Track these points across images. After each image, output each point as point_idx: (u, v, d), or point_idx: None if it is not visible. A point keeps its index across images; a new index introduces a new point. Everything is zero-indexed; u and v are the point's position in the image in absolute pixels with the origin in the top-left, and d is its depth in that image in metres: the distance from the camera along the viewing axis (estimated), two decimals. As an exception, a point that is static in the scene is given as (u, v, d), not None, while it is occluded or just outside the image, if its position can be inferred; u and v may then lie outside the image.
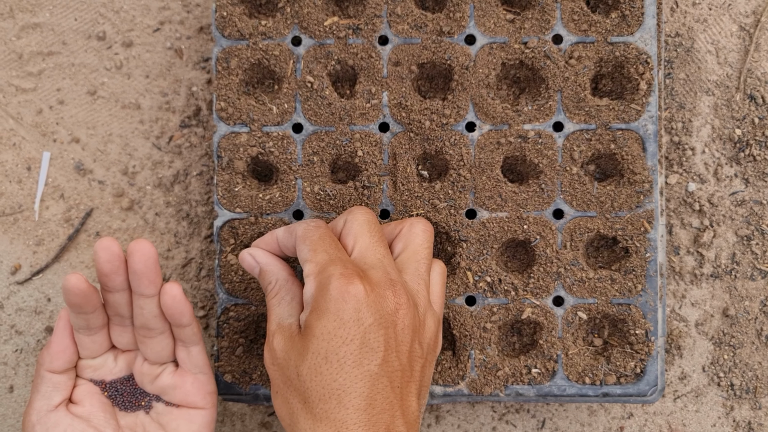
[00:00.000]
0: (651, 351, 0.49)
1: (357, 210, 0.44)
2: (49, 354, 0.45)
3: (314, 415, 0.39)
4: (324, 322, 0.39)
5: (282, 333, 0.42)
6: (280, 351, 0.41)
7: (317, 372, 0.39)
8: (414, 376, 0.41)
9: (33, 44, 0.56)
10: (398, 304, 0.40)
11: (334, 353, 0.39)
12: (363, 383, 0.39)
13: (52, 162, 0.56)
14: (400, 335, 0.40)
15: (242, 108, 0.50)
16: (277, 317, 0.43)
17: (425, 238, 0.45)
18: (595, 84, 0.51)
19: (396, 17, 0.49)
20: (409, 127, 0.50)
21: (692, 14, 0.56)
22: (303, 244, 0.43)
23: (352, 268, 0.40)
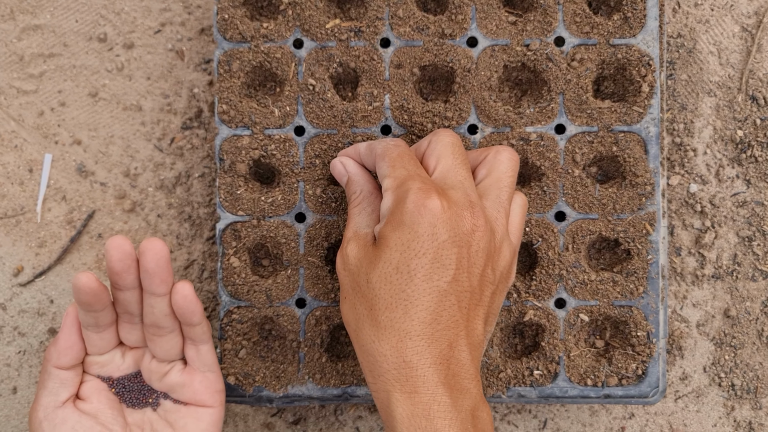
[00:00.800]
0: (652, 353, 0.49)
1: (442, 132, 0.44)
2: (56, 350, 0.45)
3: (378, 323, 0.39)
4: (399, 234, 0.39)
5: (357, 240, 0.42)
6: (353, 257, 0.42)
7: (387, 281, 0.39)
8: (483, 300, 0.41)
9: (34, 46, 0.56)
10: (475, 225, 0.40)
11: (405, 264, 0.39)
12: (430, 297, 0.39)
13: (53, 164, 0.56)
14: (474, 257, 0.40)
15: (244, 111, 0.50)
16: (354, 225, 0.43)
17: (510, 166, 0.44)
18: (597, 86, 0.51)
19: (398, 19, 0.49)
20: (411, 130, 0.49)
21: (694, 15, 0.56)
22: (382, 160, 0.43)
23: (431, 184, 0.40)
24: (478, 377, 0.41)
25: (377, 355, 0.39)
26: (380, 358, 0.39)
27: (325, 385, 0.50)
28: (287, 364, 0.50)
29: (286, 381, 0.50)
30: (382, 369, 0.39)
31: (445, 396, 0.38)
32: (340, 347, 0.51)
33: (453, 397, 0.38)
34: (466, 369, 0.40)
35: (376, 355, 0.39)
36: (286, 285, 0.50)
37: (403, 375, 0.38)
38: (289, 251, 0.50)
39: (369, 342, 0.40)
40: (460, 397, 0.39)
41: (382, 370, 0.39)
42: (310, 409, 0.56)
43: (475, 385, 0.40)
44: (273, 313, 0.50)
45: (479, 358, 0.41)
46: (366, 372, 0.41)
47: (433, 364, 0.38)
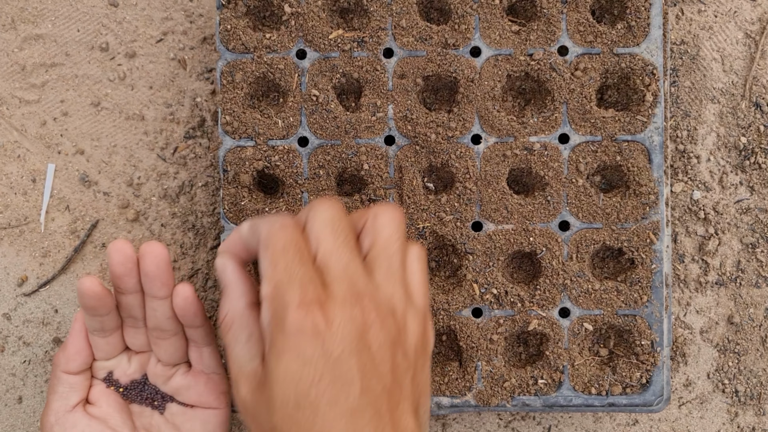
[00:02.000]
0: (657, 361, 0.49)
1: (319, 204, 0.39)
2: (64, 355, 0.45)
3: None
4: (285, 364, 0.35)
5: (245, 380, 0.37)
6: (249, 402, 0.37)
7: (292, 422, 0.34)
8: (404, 392, 0.37)
9: (36, 56, 0.56)
10: (367, 322, 0.36)
11: (304, 397, 0.34)
12: (344, 421, 0.34)
13: (57, 174, 0.56)
14: (378, 356, 0.36)
15: (247, 122, 0.50)
16: (236, 361, 0.38)
17: (393, 228, 0.40)
18: (601, 95, 0.51)
19: (401, 30, 0.49)
20: (414, 140, 0.49)
21: (698, 22, 0.55)
22: (264, 251, 0.37)
23: (312, 292, 0.36)
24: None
25: None
26: None
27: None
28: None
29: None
30: None
31: None
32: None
33: None
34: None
35: None
36: (290, 295, 0.50)
37: None
38: (294, 262, 0.50)
39: None
40: None
41: None
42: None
43: None
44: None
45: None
46: None
47: None
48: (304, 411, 0.34)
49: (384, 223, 0.40)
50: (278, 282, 0.36)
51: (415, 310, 0.39)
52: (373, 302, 0.37)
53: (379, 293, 0.38)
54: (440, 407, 0.50)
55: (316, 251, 0.38)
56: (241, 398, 0.37)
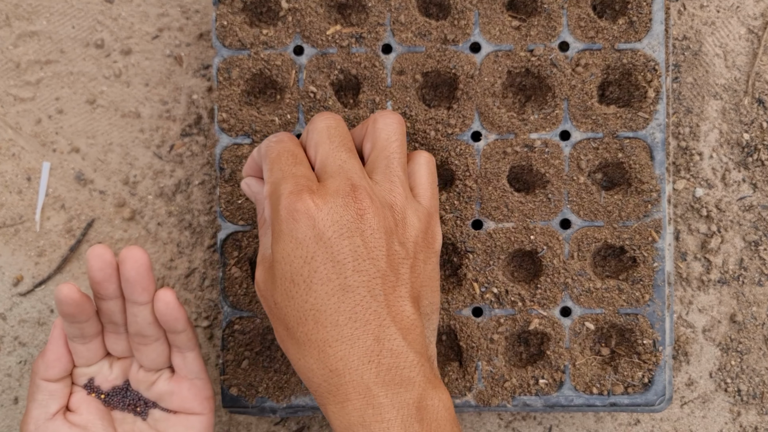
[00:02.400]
0: (659, 361, 0.49)
1: (317, 117, 0.42)
2: (44, 362, 0.45)
3: (297, 340, 0.38)
4: (281, 245, 0.38)
5: (262, 264, 0.40)
6: (261, 282, 0.40)
7: (288, 296, 0.38)
8: (401, 279, 0.39)
9: (30, 53, 0.55)
10: (361, 209, 0.38)
11: (298, 274, 0.37)
12: (336, 299, 0.37)
13: (52, 172, 0.55)
14: (370, 240, 0.38)
15: (244, 119, 0.49)
16: (261, 248, 0.41)
17: (392, 131, 0.42)
18: (602, 91, 0.51)
19: (399, 25, 0.48)
20: (413, 137, 0.49)
21: (700, 17, 0.55)
22: (263, 163, 0.41)
23: (304, 183, 0.38)
24: (424, 361, 0.38)
25: (306, 372, 0.38)
26: (309, 374, 0.38)
27: (328, 396, 0.49)
28: (290, 374, 0.50)
29: (290, 391, 0.50)
30: (314, 384, 0.38)
31: (380, 396, 0.36)
32: (344, 357, 0.51)
33: (390, 395, 0.36)
34: (404, 357, 0.37)
35: (305, 371, 0.38)
36: (288, 295, 0.49)
37: (332, 385, 0.37)
38: (292, 261, 0.49)
39: (296, 360, 0.39)
40: (399, 391, 0.37)
41: (314, 385, 0.38)
42: (314, 417, 0.55)
43: (419, 372, 0.37)
44: (275, 323, 0.49)
45: (419, 340, 0.39)
46: (310, 391, 0.40)
47: (361, 364, 0.36)
48: (299, 286, 0.37)
49: (382, 126, 0.42)
50: (274, 180, 0.39)
51: (416, 207, 0.41)
52: (367, 193, 0.38)
53: (377, 188, 0.40)
54: (440, 407, 0.50)
55: (315, 157, 0.41)
56: (257, 281, 0.41)
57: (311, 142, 0.41)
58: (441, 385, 0.38)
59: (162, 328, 0.45)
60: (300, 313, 0.38)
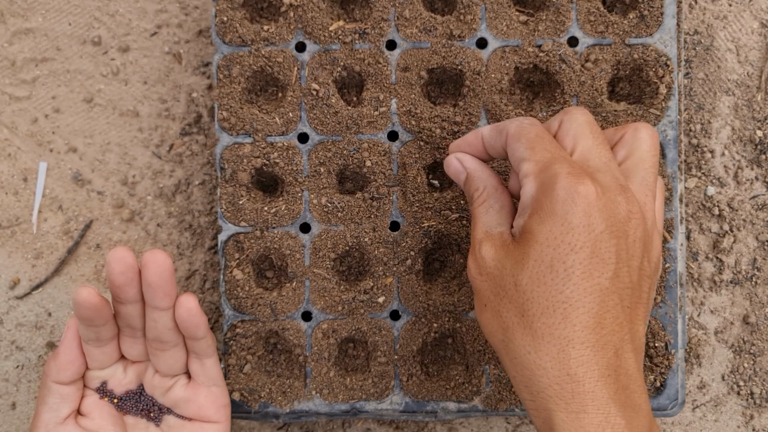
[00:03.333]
0: (671, 364, 0.48)
1: (575, 110, 0.39)
2: (56, 365, 0.43)
3: (534, 330, 0.35)
4: (549, 226, 0.35)
5: (492, 241, 0.38)
6: (491, 259, 0.37)
7: (540, 281, 0.35)
8: (642, 296, 0.37)
9: (26, 50, 0.54)
10: (630, 212, 0.36)
11: (560, 261, 0.34)
12: (592, 298, 0.34)
13: (49, 172, 0.54)
14: (632, 248, 0.36)
15: (245, 118, 0.48)
16: (484, 225, 0.39)
17: (652, 144, 0.39)
18: (612, 88, 0.49)
19: (404, 20, 0.47)
20: (419, 136, 0.48)
21: (711, 11, 0.53)
22: (517, 142, 0.38)
23: (580, 167, 0.36)
24: (645, 389, 0.36)
25: (535, 369, 0.35)
26: (539, 372, 0.35)
27: (332, 401, 0.48)
28: (293, 378, 0.49)
29: (293, 396, 0.48)
30: (542, 384, 0.35)
31: (618, 416, 0.33)
32: (348, 361, 0.50)
33: (627, 417, 0.34)
34: (635, 380, 0.35)
35: (534, 368, 0.35)
36: (291, 298, 0.48)
37: (567, 391, 0.34)
38: (294, 263, 0.48)
39: (523, 353, 0.35)
40: (634, 416, 0.34)
41: (541, 385, 0.35)
42: (317, 423, 0.54)
43: (645, 400, 0.35)
44: (278, 326, 0.48)
45: (642, 366, 0.37)
46: (520, 387, 0.36)
47: (601, 377, 0.34)
48: (557, 274, 0.35)
49: (644, 137, 0.40)
50: (542, 159, 0.37)
51: (657, 230, 0.39)
52: (634, 197, 0.37)
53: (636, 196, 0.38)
54: (447, 412, 0.48)
55: (573, 149, 0.38)
56: (482, 255, 0.38)
57: (569, 132, 0.39)
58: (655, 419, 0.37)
59: (181, 333, 0.44)
60: (549, 302, 0.35)
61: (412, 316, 0.48)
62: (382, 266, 0.48)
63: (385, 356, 0.48)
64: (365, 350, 0.50)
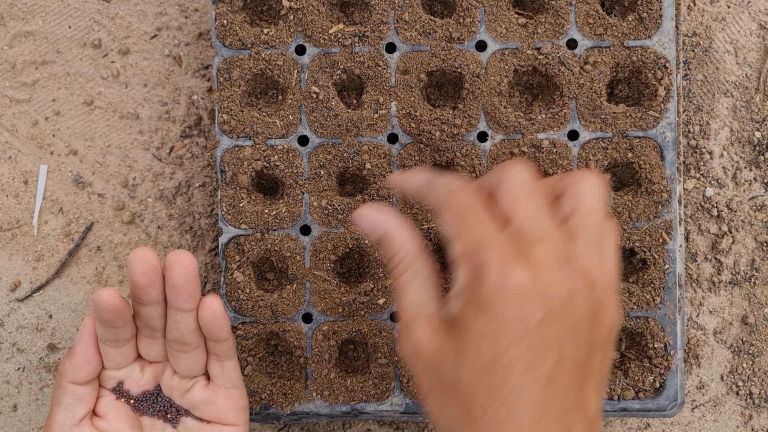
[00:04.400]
0: (670, 365, 0.48)
1: (513, 167, 0.37)
2: (72, 364, 0.42)
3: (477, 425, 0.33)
4: (482, 321, 0.33)
5: (424, 324, 0.36)
6: (426, 345, 0.35)
7: (481, 378, 0.33)
8: (593, 369, 0.35)
9: (26, 53, 0.54)
10: (572, 290, 0.34)
11: (499, 357, 0.33)
12: (536, 389, 0.33)
13: (49, 175, 0.54)
14: (577, 327, 0.34)
15: (245, 121, 0.48)
16: (411, 302, 0.36)
17: (598, 197, 0.37)
18: (611, 90, 0.49)
19: (404, 24, 0.47)
20: (418, 138, 0.48)
21: (710, 12, 0.54)
22: (447, 211, 0.36)
23: (511, 251, 0.34)
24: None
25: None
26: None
27: (333, 402, 0.48)
28: (294, 380, 0.49)
29: (294, 398, 0.49)
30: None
31: None
32: (349, 362, 0.50)
33: None
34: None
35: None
36: (292, 300, 0.48)
37: None
38: (295, 265, 0.48)
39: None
40: None
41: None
42: (318, 424, 0.54)
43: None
44: (279, 328, 0.48)
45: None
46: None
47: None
48: (497, 372, 0.33)
49: (588, 188, 0.37)
50: (471, 241, 0.34)
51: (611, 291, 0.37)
52: (580, 273, 0.34)
53: (581, 263, 0.35)
54: (447, 414, 0.49)
55: (511, 215, 0.35)
56: (416, 340, 0.36)
57: (507, 194, 0.36)
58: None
59: (203, 335, 0.43)
60: (492, 398, 0.33)
61: (413, 318, 0.48)
62: (383, 268, 0.48)
63: (385, 358, 0.48)
64: (366, 352, 0.50)
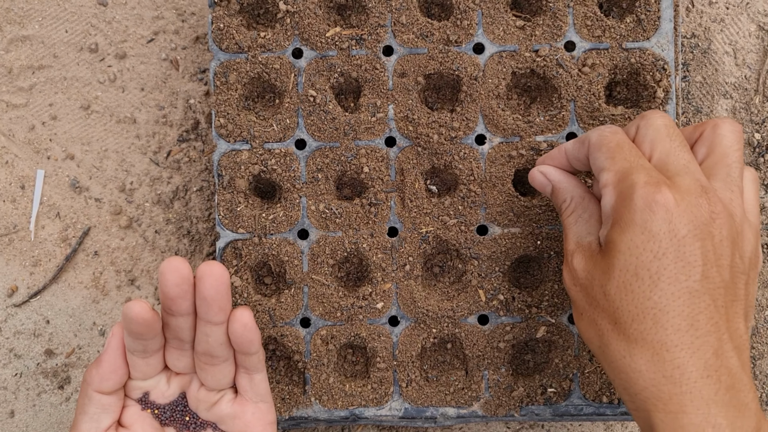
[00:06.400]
0: (670, 368, 0.48)
1: (651, 114, 0.40)
2: (98, 373, 0.42)
3: (627, 336, 0.36)
4: (630, 235, 0.36)
5: (582, 251, 0.39)
6: (582, 270, 0.39)
7: (627, 290, 0.36)
8: (738, 294, 0.37)
9: (23, 58, 0.54)
10: (713, 212, 0.36)
11: (644, 269, 0.36)
12: (682, 301, 0.35)
13: (46, 180, 0.54)
14: (719, 248, 0.36)
15: (242, 124, 0.48)
16: (574, 236, 0.40)
17: (734, 139, 0.39)
18: (610, 92, 0.49)
19: (401, 26, 0.47)
20: (416, 141, 0.48)
21: (709, 14, 0.53)
22: (598, 151, 0.39)
23: (657, 176, 0.37)
24: (754, 387, 0.36)
25: (630, 372, 0.36)
26: (634, 375, 0.36)
27: (332, 407, 0.48)
28: (293, 385, 0.49)
29: (292, 403, 0.48)
30: (638, 386, 0.36)
31: (719, 416, 0.34)
32: (348, 367, 0.50)
33: (730, 417, 0.34)
34: (739, 379, 0.35)
35: (629, 371, 0.36)
36: (290, 304, 0.48)
37: (664, 393, 0.35)
38: (293, 269, 0.48)
39: (619, 358, 0.36)
40: (738, 416, 0.34)
41: (638, 387, 0.36)
42: (316, 429, 0.54)
43: (753, 399, 0.35)
44: (277, 333, 0.48)
45: (749, 363, 0.37)
46: (619, 390, 0.38)
47: (700, 377, 0.34)
48: (643, 281, 0.36)
49: (724, 133, 0.40)
50: (620, 169, 0.37)
51: (749, 223, 0.39)
52: (718, 197, 0.37)
53: (720, 195, 0.38)
54: (446, 418, 0.48)
55: (651, 154, 0.39)
56: (574, 267, 0.39)
57: (646, 138, 0.39)
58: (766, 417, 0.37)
59: (232, 348, 0.42)
60: (638, 309, 0.36)
61: (411, 322, 0.48)
62: (381, 272, 0.48)
63: (384, 362, 0.48)
64: (364, 356, 0.49)
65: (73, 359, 0.54)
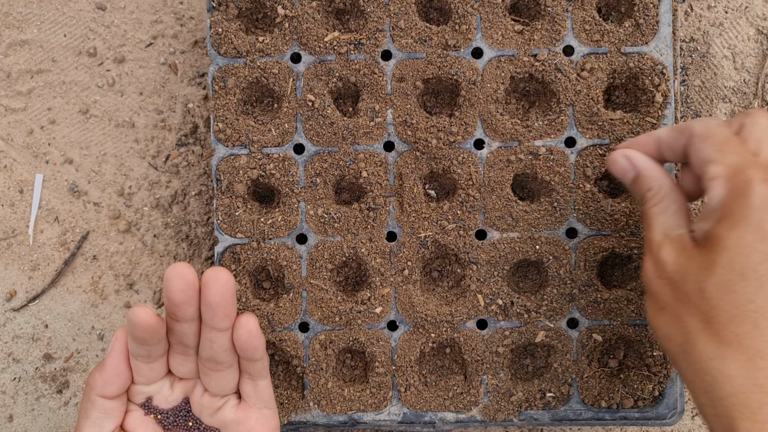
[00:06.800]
0: (670, 373, 0.47)
1: (756, 113, 0.39)
2: (102, 378, 0.42)
3: (721, 338, 0.35)
4: (740, 233, 0.34)
5: (672, 244, 0.38)
6: (672, 263, 0.37)
7: (729, 289, 0.34)
8: None
9: (21, 62, 0.54)
10: None
11: (752, 269, 0.34)
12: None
13: (45, 184, 0.54)
14: None
15: (241, 129, 0.48)
16: (662, 227, 0.39)
17: None
18: (608, 96, 0.49)
19: (399, 31, 0.47)
20: (415, 146, 0.48)
21: (707, 18, 0.53)
22: (703, 142, 0.38)
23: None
24: None
25: (718, 376, 0.34)
26: (722, 379, 0.34)
27: (330, 412, 0.48)
28: (291, 390, 0.49)
29: (291, 408, 0.48)
30: (725, 392, 0.34)
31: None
32: (346, 371, 0.50)
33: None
34: None
35: (717, 375, 0.35)
36: (288, 309, 0.48)
37: (754, 401, 0.33)
38: (291, 274, 0.48)
39: (706, 360, 0.35)
40: None
41: (724, 393, 0.34)
42: (316, 433, 0.54)
43: None
44: (275, 337, 0.48)
45: None
46: (698, 393, 0.36)
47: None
48: (749, 282, 0.34)
49: None
50: (733, 163, 0.36)
51: None
52: None
53: None
54: (445, 423, 0.48)
55: (759, 152, 0.37)
56: (662, 259, 0.38)
57: (752, 136, 0.38)
58: None
59: (237, 354, 0.42)
60: (738, 311, 0.34)
61: (410, 327, 0.48)
62: (380, 276, 0.48)
63: (383, 367, 0.48)
64: (363, 361, 0.49)
65: (71, 363, 0.54)
